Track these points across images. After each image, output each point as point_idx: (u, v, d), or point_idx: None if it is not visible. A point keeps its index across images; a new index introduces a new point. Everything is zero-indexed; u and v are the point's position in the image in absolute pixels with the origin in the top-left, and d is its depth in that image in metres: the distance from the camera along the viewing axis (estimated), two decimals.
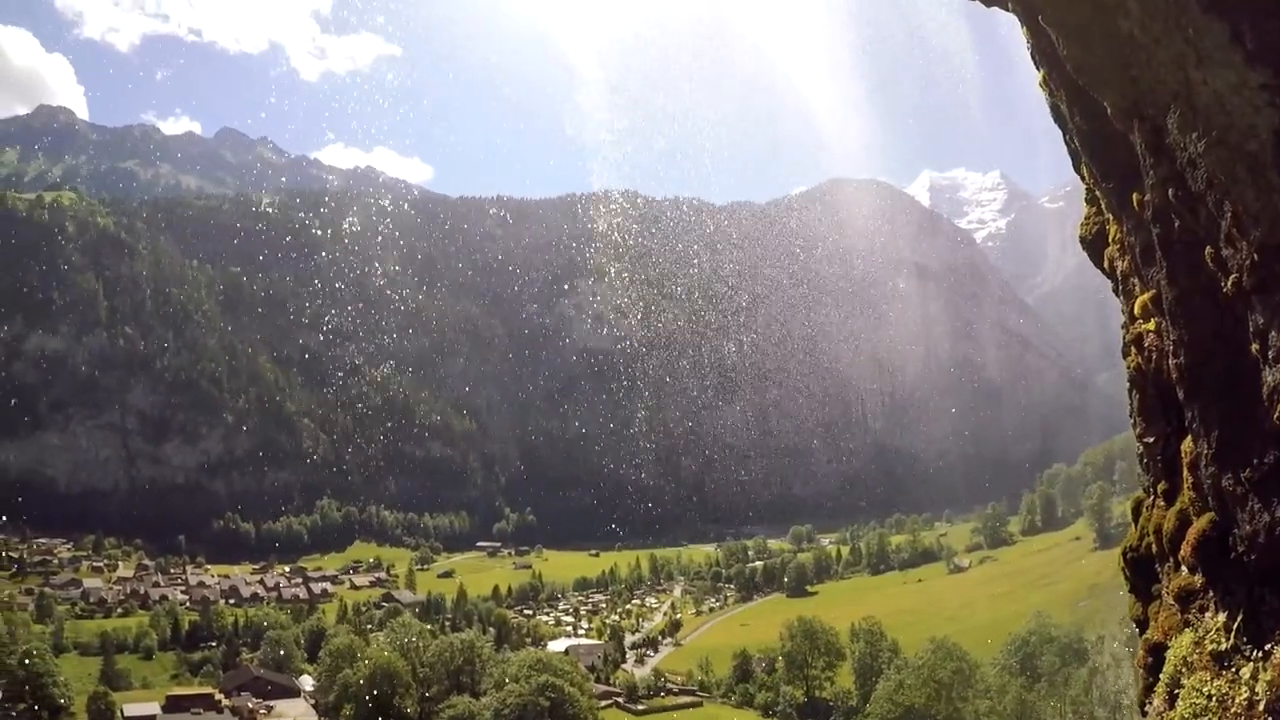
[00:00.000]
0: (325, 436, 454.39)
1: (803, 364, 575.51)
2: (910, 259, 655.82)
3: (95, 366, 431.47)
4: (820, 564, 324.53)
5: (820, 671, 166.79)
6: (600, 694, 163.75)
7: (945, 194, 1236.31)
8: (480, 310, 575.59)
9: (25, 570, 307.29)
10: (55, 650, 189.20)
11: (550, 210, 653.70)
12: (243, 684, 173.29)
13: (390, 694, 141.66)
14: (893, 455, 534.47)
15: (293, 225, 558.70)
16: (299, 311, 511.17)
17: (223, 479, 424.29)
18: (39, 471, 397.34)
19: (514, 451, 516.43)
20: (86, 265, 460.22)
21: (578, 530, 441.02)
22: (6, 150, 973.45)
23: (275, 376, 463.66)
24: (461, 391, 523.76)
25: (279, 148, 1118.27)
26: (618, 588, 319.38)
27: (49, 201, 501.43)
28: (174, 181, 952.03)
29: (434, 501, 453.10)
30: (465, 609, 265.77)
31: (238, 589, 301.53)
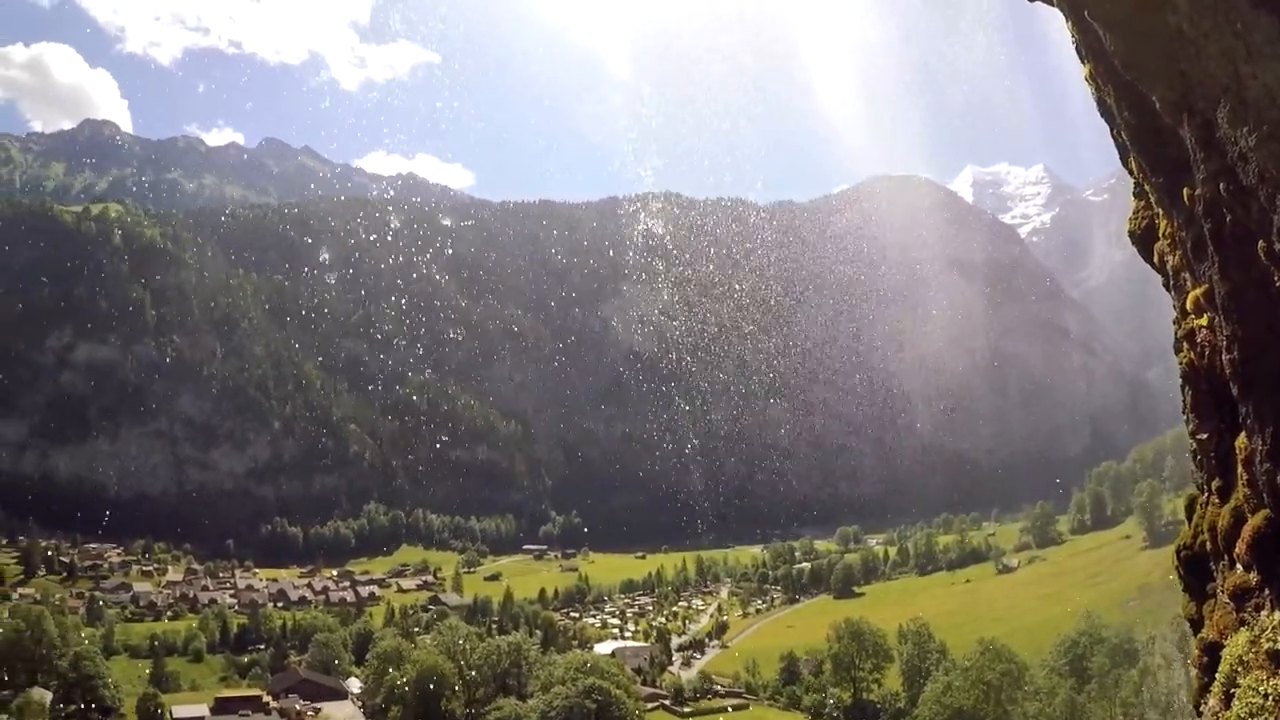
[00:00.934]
0: (372, 441, 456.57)
1: (848, 363, 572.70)
2: (954, 255, 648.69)
3: (144, 375, 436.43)
4: (867, 565, 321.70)
5: (868, 673, 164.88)
6: (646, 696, 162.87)
7: (988, 189, 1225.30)
8: (524, 314, 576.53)
9: (76, 574, 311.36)
10: (106, 653, 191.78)
11: (592, 213, 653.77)
12: (291, 686, 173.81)
13: (437, 696, 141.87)
14: (940, 454, 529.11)
15: (337, 233, 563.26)
16: (344, 318, 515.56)
17: (270, 484, 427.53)
18: (89, 478, 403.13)
19: (560, 455, 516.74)
20: (134, 275, 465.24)
21: (624, 533, 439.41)
22: (53, 164, 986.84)
23: (321, 382, 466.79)
24: (507, 395, 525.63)
25: (322, 157, 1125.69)
26: (664, 590, 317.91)
27: (96, 213, 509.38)
28: (218, 192, 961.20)
29: (480, 505, 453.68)
30: (512, 611, 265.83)
31: (285, 592, 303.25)
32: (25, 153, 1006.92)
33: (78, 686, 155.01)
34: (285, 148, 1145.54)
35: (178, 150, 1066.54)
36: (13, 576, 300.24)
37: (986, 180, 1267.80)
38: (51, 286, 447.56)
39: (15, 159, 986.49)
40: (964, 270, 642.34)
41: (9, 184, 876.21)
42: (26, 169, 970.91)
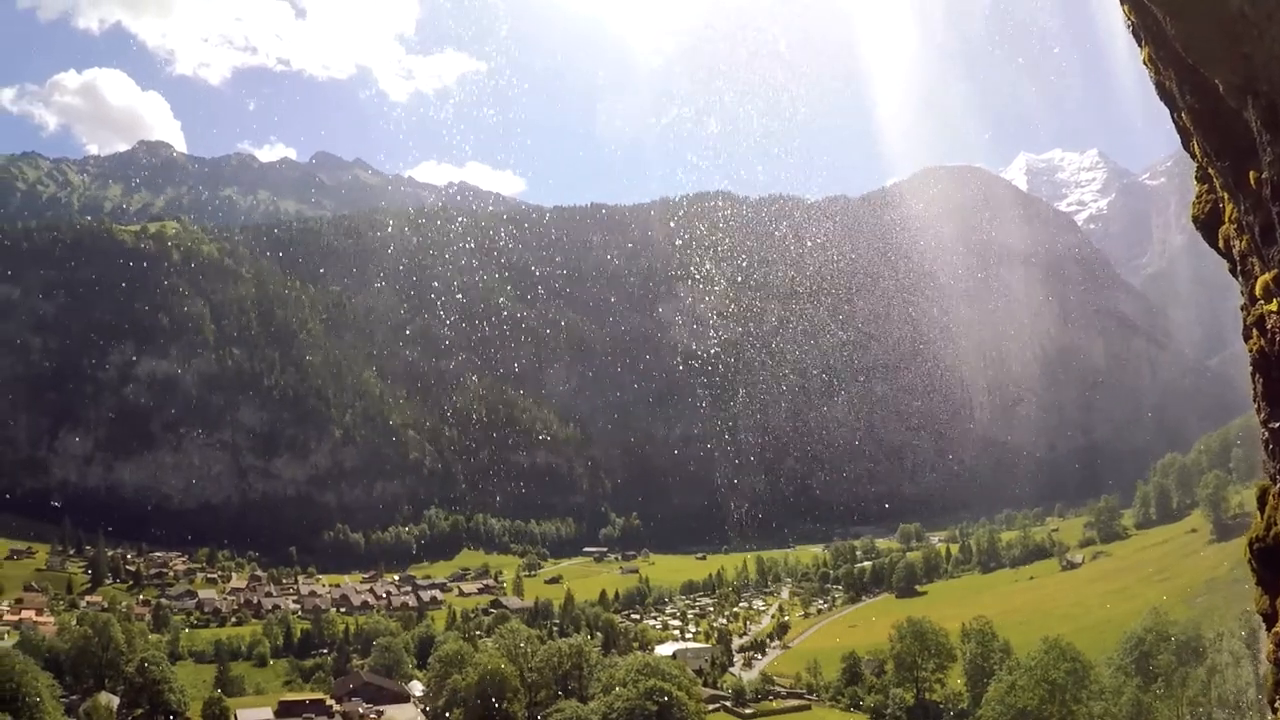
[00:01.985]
0: (431, 447, 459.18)
1: (905, 358, 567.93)
2: (1011, 246, 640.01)
3: (205, 387, 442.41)
4: (929, 563, 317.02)
5: (930, 673, 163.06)
6: (708, 697, 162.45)
7: (1043, 176, 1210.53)
8: (580, 318, 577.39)
9: (142, 582, 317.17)
10: (171, 658, 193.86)
11: (644, 216, 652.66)
12: (353, 690, 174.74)
13: (498, 699, 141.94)
14: (1001, 448, 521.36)
15: (391, 243, 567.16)
16: (401, 326, 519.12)
17: (332, 491, 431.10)
18: (154, 488, 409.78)
19: (618, 457, 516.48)
20: (193, 291, 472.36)
21: (684, 534, 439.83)
22: (111, 185, 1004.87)
23: (380, 390, 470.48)
24: (564, 399, 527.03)
25: (373, 168, 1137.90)
26: (725, 591, 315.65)
27: (153, 232, 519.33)
28: (273, 206, 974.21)
29: (540, 508, 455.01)
30: (572, 614, 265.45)
31: (348, 597, 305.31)
32: (83, 175, 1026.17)
33: (144, 691, 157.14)
34: (337, 161, 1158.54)
35: (231, 167, 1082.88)
36: (81, 585, 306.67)
37: (1041, 167, 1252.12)
38: (113, 304, 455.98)
39: (73, 182, 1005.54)
40: (1021, 260, 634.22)
41: (68, 206, 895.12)
42: (85, 191, 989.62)
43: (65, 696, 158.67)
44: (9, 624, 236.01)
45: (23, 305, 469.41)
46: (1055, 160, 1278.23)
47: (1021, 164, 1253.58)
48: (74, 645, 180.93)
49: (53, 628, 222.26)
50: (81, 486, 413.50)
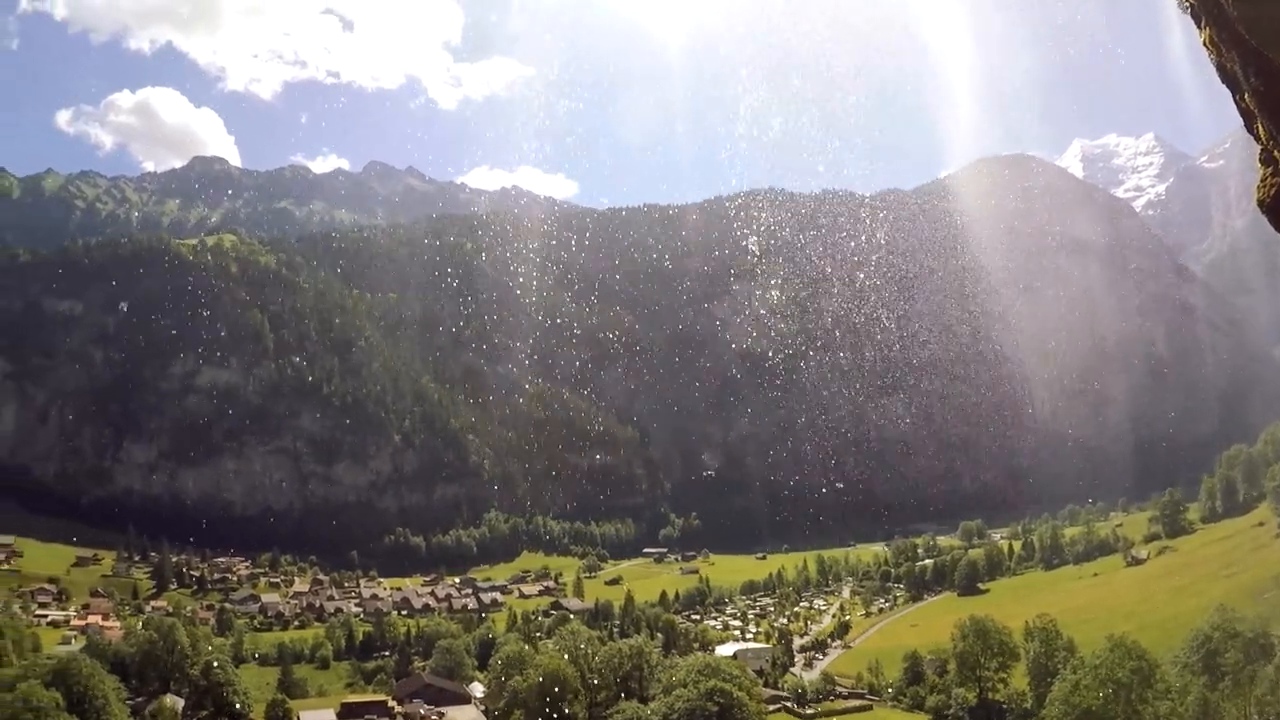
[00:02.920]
0: (490, 451, 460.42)
1: (964, 352, 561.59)
2: (1068, 234, 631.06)
3: (265, 395, 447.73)
4: (991, 560, 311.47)
5: (993, 673, 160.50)
6: (768, 698, 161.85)
7: (1098, 163, 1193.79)
8: (635, 319, 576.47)
9: (207, 587, 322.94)
10: (235, 661, 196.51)
11: (698, 215, 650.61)
12: (415, 691, 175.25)
13: (559, 700, 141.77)
14: (1062, 442, 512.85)
15: (445, 248, 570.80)
16: (457, 331, 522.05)
17: (392, 495, 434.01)
18: (217, 496, 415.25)
19: (677, 457, 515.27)
20: (251, 301, 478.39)
21: (744, 533, 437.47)
22: (168, 201, 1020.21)
23: (439, 395, 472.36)
24: (622, 400, 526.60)
25: (426, 176, 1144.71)
26: (785, 590, 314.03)
27: (211, 245, 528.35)
28: (328, 216, 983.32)
29: (600, 510, 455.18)
30: (633, 615, 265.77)
31: (409, 600, 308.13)
32: (140, 192, 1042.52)
33: (208, 693, 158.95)
34: (390, 170, 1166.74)
35: (286, 180, 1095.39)
36: (146, 591, 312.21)
37: (1096, 154, 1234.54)
38: (173, 316, 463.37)
39: (131, 199, 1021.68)
40: (1079, 249, 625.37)
41: (126, 223, 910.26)
42: (143, 208, 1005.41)
43: (131, 699, 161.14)
44: (76, 629, 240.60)
45: (85, 320, 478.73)
46: (1111, 146, 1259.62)
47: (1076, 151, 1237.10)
48: (139, 649, 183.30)
49: (119, 632, 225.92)
50: (146, 495, 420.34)
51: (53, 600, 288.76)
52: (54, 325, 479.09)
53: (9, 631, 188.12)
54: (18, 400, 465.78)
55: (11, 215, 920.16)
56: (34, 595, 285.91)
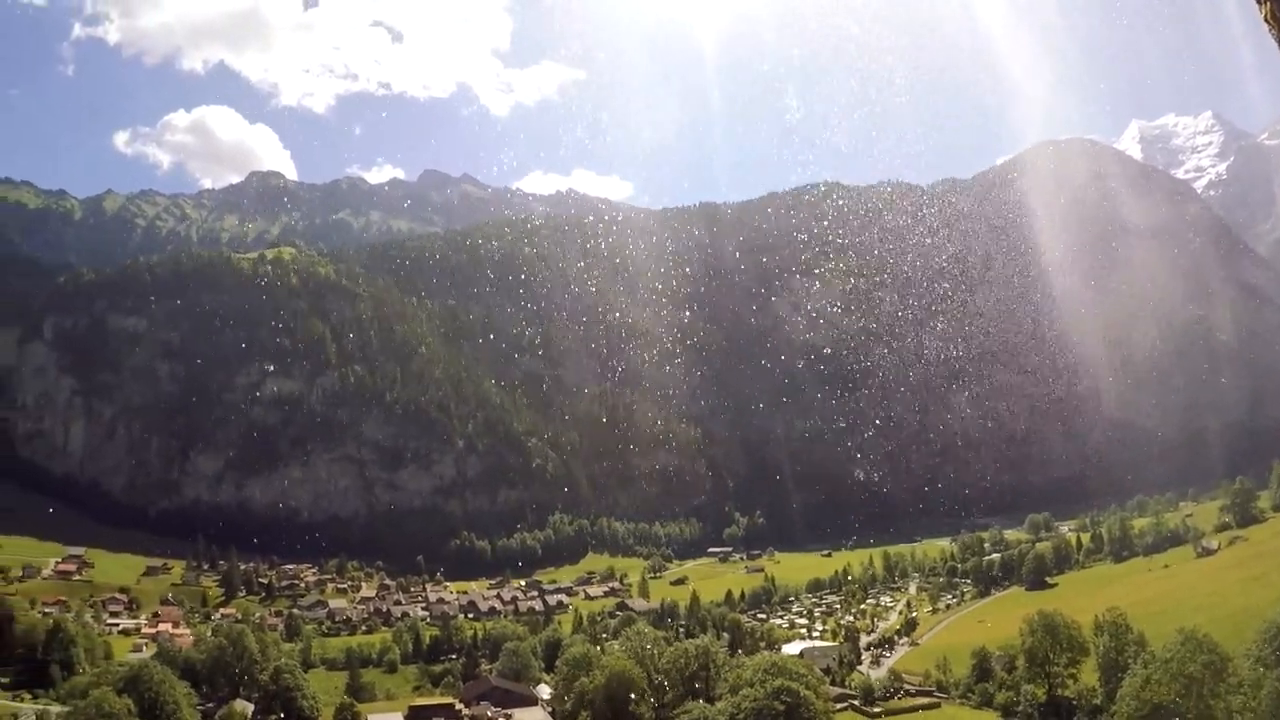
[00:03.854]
0: (553, 453, 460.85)
1: (1028, 342, 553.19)
2: (1128, 219, 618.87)
3: (329, 404, 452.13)
4: (1059, 553, 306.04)
5: (1063, 668, 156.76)
6: (835, 696, 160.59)
7: (1157, 144, 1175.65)
8: (695, 317, 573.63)
9: (275, 594, 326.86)
10: (304, 666, 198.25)
11: (754, 212, 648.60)
12: (482, 694, 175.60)
13: (626, 700, 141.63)
14: (1130, 431, 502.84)
15: (503, 254, 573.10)
16: (518, 335, 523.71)
17: (457, 500, 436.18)
18: (284, 503, 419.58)
19: (740, 456, 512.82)
20: (312, 312, 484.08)
21: (809, 531, 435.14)
22: (227, 217, 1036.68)
23: (501, 399, 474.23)
24: (683, 400, 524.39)
25: (481, 183, 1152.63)
26: (851, 588, 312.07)
27: (271, 258, 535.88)
28: (385, 226, 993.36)
29: (663, 510, 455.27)
30: (698, 615, 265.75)
31: (475, 604, 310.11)
32: (199, 209, 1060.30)
33: (277, 698, 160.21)
34: (445, 178, 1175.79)
35: (342, 191, 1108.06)
36: (215, 598, 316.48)
37: (1154, 135, 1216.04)
38: (236, 329, 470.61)
39: (190, 215, 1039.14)
40: (1140, 233, 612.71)
41: (186, 239, 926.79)
42: (202, 224, 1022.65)
43: (202, 704, 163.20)
44: (147, 636, 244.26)
45: (150, 335, 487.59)
46: (1169, 126, 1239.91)
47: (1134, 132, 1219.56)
48: (209, 655, 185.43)
49: (189, 639, 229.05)
50: (213, 505, 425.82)
51: (124, 609, 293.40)
52: (119, 342, 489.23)
53: (82, 640, 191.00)
54: (86, 416, 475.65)
55: (74, 236, 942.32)
56: (105, 605, 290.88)
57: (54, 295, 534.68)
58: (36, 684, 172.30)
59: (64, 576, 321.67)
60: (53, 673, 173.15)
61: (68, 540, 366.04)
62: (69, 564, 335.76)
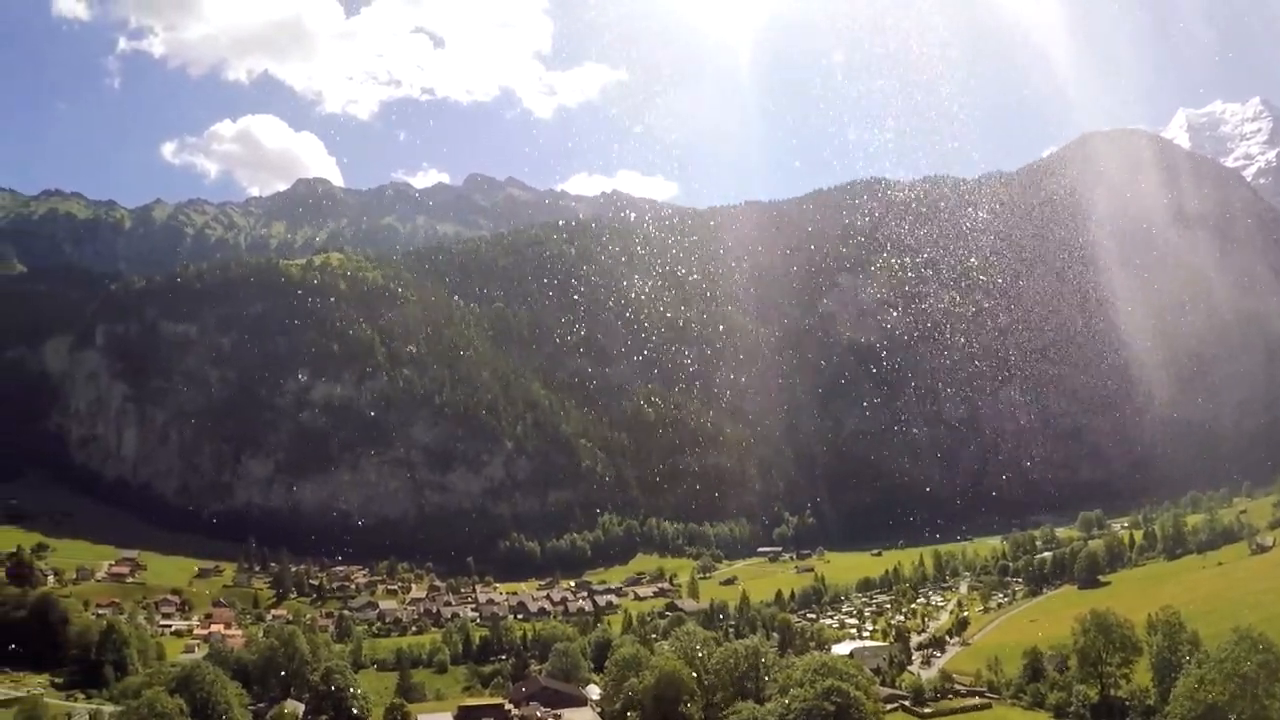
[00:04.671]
0: (602, 454, 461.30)
1: (1077, 336, 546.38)
2: (1178, 208, 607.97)
3: (378, 408, 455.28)
4: (1112, 551, 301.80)
5: (1115, 668, 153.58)
6: (885, 697, 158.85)
7: (1205, 132, 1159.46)
8: (743, 316, 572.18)
9: (326, 596, 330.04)
10: (354, 667, 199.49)
11: (801, 209, 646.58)
12: (531, 694, 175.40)
13: (675, 701, 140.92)
14: (1182, 426, 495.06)
15: (550, 256, 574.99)
16: (565, 337, 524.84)
17: (506, 502, 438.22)
18: (334, 506, 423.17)
19: (789, 455, 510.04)
20: (361, 317, 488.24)
21: (858, 530, 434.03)
22: (274, 224, 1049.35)
23: (549, 401, 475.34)
24: (732, 399, 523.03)
25: (526, 185, 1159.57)
26: (901, 587, 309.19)
27: (319, 264, 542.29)
28: (431, 230, 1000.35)
29: (713, 510, 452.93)
30: (748, 615, 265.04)
31: (525, 604, 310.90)
32: (247, 216, 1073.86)
33: (328, 698, 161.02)
34: (490, 181, 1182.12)
35: (388, 197, 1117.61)
36: (267, 600, 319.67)
37: (1202, 122, 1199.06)
38: (285, 334, 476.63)
39: (239, 223, 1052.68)
40: (1190, 223, 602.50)
41: (235, 247, 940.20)
42: (250, 231, 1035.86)
43: (253, 705, 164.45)
44: (199, 637, 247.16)
45: (200, 342, 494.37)
46: (1216, 113, 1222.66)
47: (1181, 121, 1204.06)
48: (261, 656, 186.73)
49: (241, 640, 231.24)
50: (264, 507, 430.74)
51: (176, 610, 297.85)
52: (170, 348, 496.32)
53: (134, 641, 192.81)
54: (138, 421, 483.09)
55: (125, 245, 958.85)
56: (158, 606, 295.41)
57: (105, 303, 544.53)
58: (90, 684, 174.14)
59: (117, 579, 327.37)
60: (106, 673, 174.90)
61: (121, 543, 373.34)
62: (122, 566, 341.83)
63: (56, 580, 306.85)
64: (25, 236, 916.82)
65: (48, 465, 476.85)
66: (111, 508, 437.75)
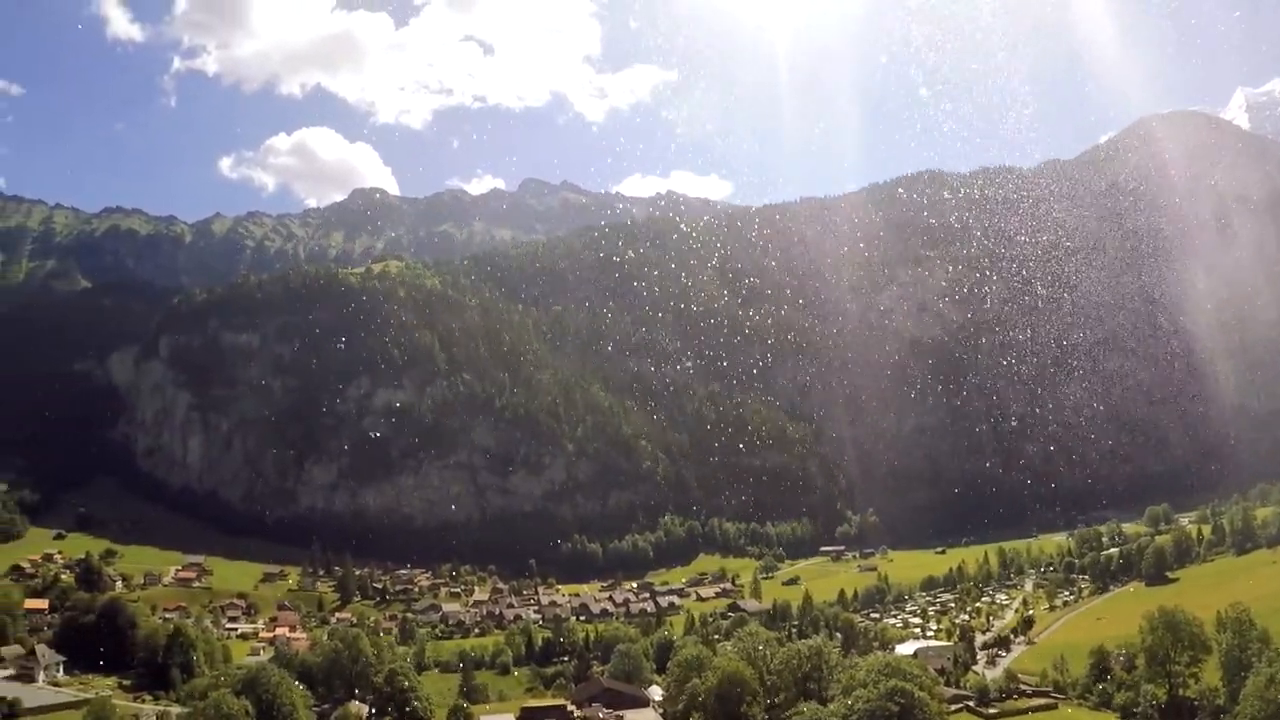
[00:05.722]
0: (663, 455, 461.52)
1: (1141, 326, 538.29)
2: (1240, 191, 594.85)
3: (439, 413, 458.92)
4: (1180, 546, 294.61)
5: (1184, 667, 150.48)
6: (950, 698, 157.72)
7: (1265, 111, 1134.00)
8: (801, 314, 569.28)
9: (389, 599, 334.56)
10: (418, 669, 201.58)
11: (856, 204, 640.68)
12: (593, 695, 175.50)
13: (737, 702, 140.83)
14: (1251, 416, 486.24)
15: (606, 258, 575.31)
16: (624, 338, 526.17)
17: (568, 504, 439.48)
18: (397, 510, 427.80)
19: (851, 453, 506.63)
20: (420, 323, 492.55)
21: (922, 527, 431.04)
22: (333, 234, 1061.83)
23: (609, 403, 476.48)
24: (792, 397, 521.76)
25: (581, 188, 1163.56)
26: (966, 585, 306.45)
27: (377, 272, 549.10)
28: (488, 236, 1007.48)
29: (775, 509, 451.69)
30: (811, 615, 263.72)
31: (587, 606, 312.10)
32: (305, 227, 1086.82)
33: (391, 700, 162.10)
34: (545, 185, 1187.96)
35: (444, 204, 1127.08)
36: (330, 603, 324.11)
37: (1261, 102, 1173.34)
38: (346, 342, 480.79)
39: (297, 234, 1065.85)
40: (1253, 206, 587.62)
41: (294, 257, 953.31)
42: (309, 241, 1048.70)
43: (317, 706, 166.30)
44: (264, 640, 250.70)
45: (262, 351, 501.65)
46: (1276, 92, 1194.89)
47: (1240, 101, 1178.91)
48: (325, 658, 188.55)
49: (305, 643, 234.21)
50: (328, 512, 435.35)
51: (242, 614, 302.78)
52: (233, 358, 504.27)
53: (201, 644, 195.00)
54: (203, 430, 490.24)
55: (186, 259, 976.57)
56: (224, 610, 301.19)
57: (168, 315, 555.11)
58: (157, 686, 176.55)
59: (184, 583, 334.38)
60: (172, 675, 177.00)
61: (187, 549, 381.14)
62: (189, 571, 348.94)
63: (124, 585, 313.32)
64: (89, 253, 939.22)
65: (115, 474, 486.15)
66: (177, 514, 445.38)
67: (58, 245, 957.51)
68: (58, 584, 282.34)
